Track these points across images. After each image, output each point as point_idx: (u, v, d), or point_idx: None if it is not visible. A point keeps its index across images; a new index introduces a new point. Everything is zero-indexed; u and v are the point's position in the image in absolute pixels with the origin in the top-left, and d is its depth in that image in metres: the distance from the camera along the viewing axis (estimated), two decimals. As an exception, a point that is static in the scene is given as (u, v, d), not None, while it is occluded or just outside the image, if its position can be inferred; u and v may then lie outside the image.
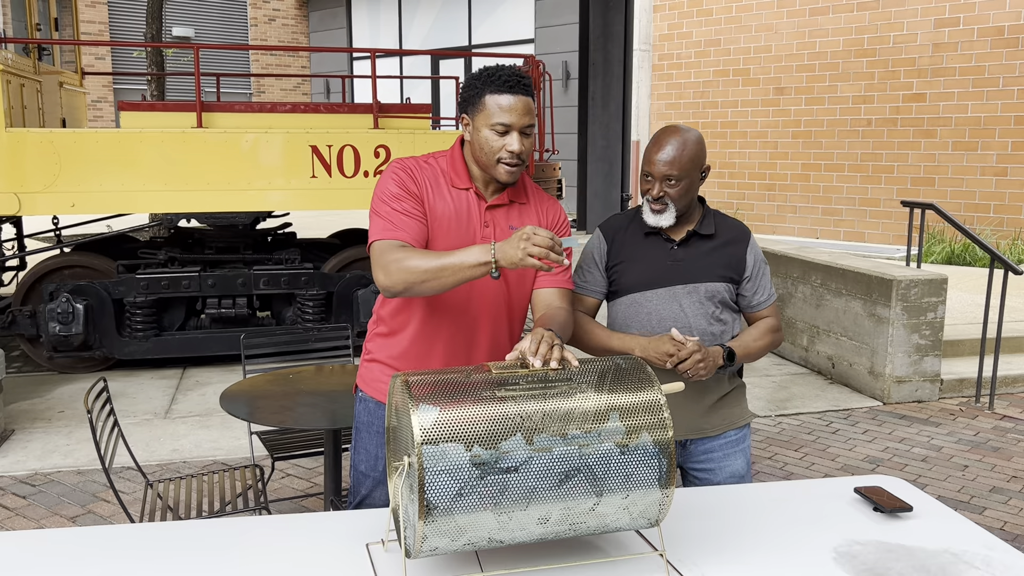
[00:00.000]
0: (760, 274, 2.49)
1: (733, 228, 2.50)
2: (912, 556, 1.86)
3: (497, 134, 2.14)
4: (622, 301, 2.48)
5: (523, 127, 2.15)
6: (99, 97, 17.74)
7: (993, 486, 4.47)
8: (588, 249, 2.55)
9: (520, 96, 2.14)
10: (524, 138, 2.16)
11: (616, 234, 2.51)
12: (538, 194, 2.38)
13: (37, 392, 5.85)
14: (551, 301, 2.31)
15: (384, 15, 18.33)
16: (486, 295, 2.27)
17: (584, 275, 2.53)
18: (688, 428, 2.48)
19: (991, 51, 10.84)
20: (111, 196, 5.88)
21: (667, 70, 14.28)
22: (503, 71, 2.16)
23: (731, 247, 2.47)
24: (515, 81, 2.15)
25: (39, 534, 1.93)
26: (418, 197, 2.21)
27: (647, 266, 2.44)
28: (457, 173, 2.26)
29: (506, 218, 2.28)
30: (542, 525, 1.63)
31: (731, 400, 2.54)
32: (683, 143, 2.35)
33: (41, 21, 7.29)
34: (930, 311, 5.73)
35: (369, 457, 2.39)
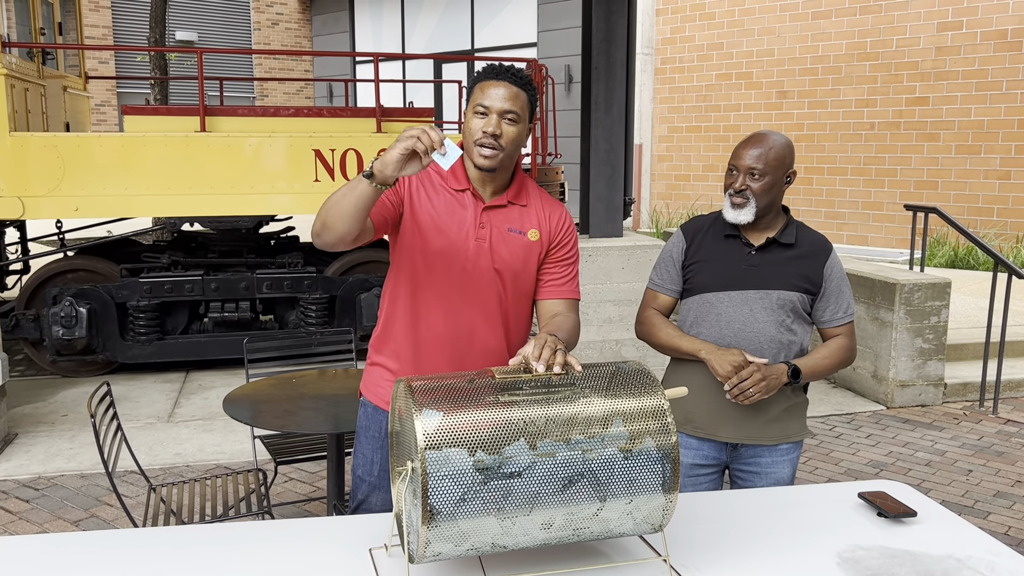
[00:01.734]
0: (836, 291, 2.47)
1: (815, 241, 2.49)
2: (916, 561, 1.85)
3: (478, 116, 2.15)
4: (694, 300, 2.49)
5: (502, 111, 2.14)
6: (103, 101, 17.78)
7: (997, 491, 4.46)
8: (668, 247, 2.57)
9: (504, 81, 2.14)
10: (505, 124, 2.15)
11: (696, 234, 2.52)
12: (542, 198, 2.36)
13: (40, 396, 5.86)
14: (556, 310, 2.30)
15: (387, 19, 18.36)
16: (482, 302, 2.26)
17: (661, 273, 2.56)
18: (744, 434, 2.48)
19: (994, 54, 10.84)
20: (114, 200, 5.89)
21: (670, 74, 14.29)
22: (497, 64, 2.19)
23: (810, 259, 2.45)
24: (503, 69, 2.16)
25: (42, 538, 1.93)
26: (398, 187, 2.22)
27: (722, 267, 2.45)
28: (455, 175, 2.26)
29: (504, 219, 2.26)
30: (546, 530, 1.63)
31: (791, 414, 2.53)
32: (772, 142, 2.38)
33: (45, 25, 7.31)
34: (933, 315, 5.72)
35: (366, 461, 2.39)
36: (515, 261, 2.27)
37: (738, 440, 2.49)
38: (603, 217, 5.82)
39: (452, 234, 2.22)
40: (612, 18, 5.59)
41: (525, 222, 2.29)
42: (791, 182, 2.43)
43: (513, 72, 2.17)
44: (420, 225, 2.22)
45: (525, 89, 2.17)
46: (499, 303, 2.28)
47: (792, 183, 2.45)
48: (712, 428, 2.48)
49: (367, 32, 18.84)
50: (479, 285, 2.24)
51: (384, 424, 2.34)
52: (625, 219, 6.20)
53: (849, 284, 2.53)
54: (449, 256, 2.22)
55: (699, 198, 14.03)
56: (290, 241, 7.11)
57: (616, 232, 5.85)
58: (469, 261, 2.23)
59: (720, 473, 2.59)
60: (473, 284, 2.23)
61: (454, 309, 2.25)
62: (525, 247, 2.28)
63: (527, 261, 2.28)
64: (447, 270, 2.23)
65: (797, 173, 2.50)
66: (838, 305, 2.48)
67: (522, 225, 2.28)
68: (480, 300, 2.26)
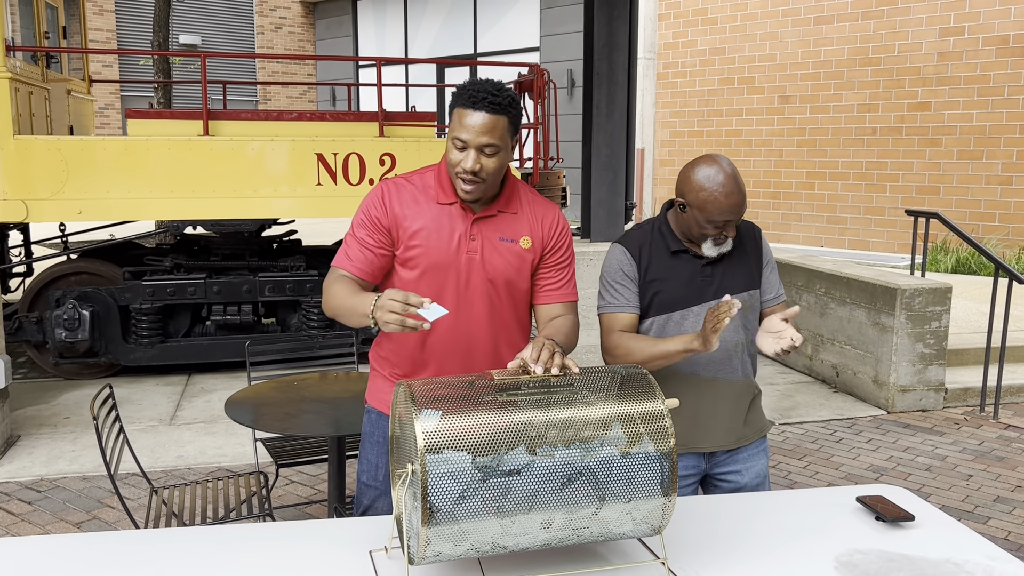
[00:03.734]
0: (768, 270, 2.50)
1: (747, 230, 2.50)
2: (914, 565, 1.86)
3: (456, 148, 2.11)
4: (658, 320, 2.39)
5: (480, 146, 2.08)
6: (106, 104, 17.83)
7: (997, 496, 4.46)
8: (613, 266, 2.42)
9: (483, 112, 2.06)
10: (483, 157, 2.09)
11: (642, 249, 2.42)
12: (533, 202, 2.32)
13: (43, 398, 5.87)
14: (554, 313, 2.31)
15: (390, 23, 18.40)
16: (478, 312, 2.26)
17: (616, 295, 2.40)
18: (723, 441, 2.48)
19: (996, 60, 10.85)
20: (118, 203, 5.91)
21: (672, 78, 14.32)
22: (476, 84, 2.09)
23: (749, 250, 2.47)
24: (480, 97, 2.06)
25: (44, 540, 1.95)
26: (383, 227, 2.21)
27: (680, 284, 2.39)
28: (443, 188, 2.22)
29: (495, 229, 2.24)
30: (545, 530, 1.64)
31: (755, 408, 2.56)
32: (734, 176, 2.27)
33: (49, 29, 7.34)
34: (934, 320, 5.73)
35: (371, 467, 2.40)
36: (508, 270, 2.25)
37: (718, 448, 2.48)
38: (604, 221, 5.83)
39: (443, 249, 2.21)
40: (614, 23, 5.61)
41: (517, 230, 2.26)
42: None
43: (491, 98, 2.06)
44: (410, 245, 2.21)
45: (505, 113, 2.08)
46: (495, 312, 2.27)
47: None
48: (693, 441, 2.47)
49: (370, 36, 18.88)
50: (474, 296, 2.23)
51: (387, 429, 2.35)
52: (626, 223, 6.21)
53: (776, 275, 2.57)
54: (441, 270, 2.21)
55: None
56: (292, 244, 7.12)
57: (617, 236, 5.87)
58: (462, 274, 2.22)
59: (698, 483, 2.58)
60: (468, 296, 2.23)
61: (450, 321, 2.23)
62: (518, 255, 2.26)
63: (520, 269, 2.27)
64: (441, 284, 2.22)
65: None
66: (775, 283, 2.51)
67: (514, 233, 2.26)
68: (476, 310, 2.25)
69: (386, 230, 2.22)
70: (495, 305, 2.27)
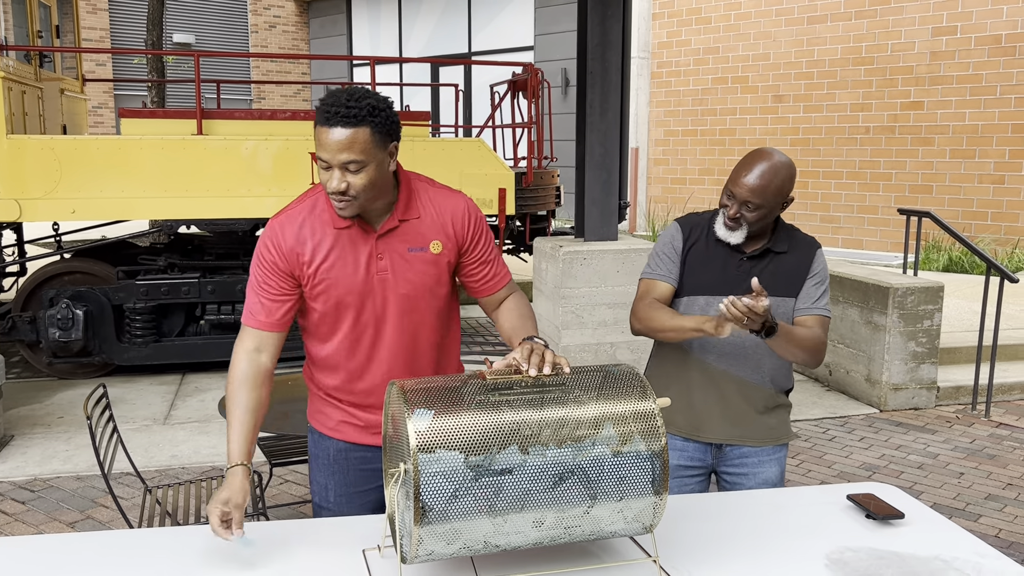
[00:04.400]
0: (817, 283, 2.44)
1: (804, 243, 2.48)
2: (903, 563, 1.88)
3: (322, 169, 1.95)
4: (682, 300, 2.46)
5: (342, 164, 1.91)
6: (100, 103, 17.78)
7: (989, 493, 4.49)
8: (665, 239, 2.51)
9: (338, 128, 1.88)
10: (348, 174, 1.92)
11: (693, 230, 2.48)
12: (435, 199, 2.15)
13: (37, 398, 5.87)
14: (500, 297, 2.26)
15: (384, 22, 18.39)
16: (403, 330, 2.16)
17: (659, 264, 2.47)
18: (728, 434, 2.49)
19: (988, 59, 10.89)
20: (111, 202, 5.90)
21: (666, 77, 14.34)
22: (332, 98, 1.92)
23: (797, 259, 2.44)
24: (332, 111, 1.89)
25: (38, 539, 1.95)
26: (282, 271, 2.08)
27: (713, 271, 2.43)
28: (334, 212, 2.06)
29: (402, 240, 2.10)
30: (537, 528, 1.65)
31: (775, 415, 2.53)
32: (774, 172, 2.29)
33: (42, 28, 7.33)
34: (927, 319, 5.75)
35: (320, 488, 2.34)
36: (426, 279, 2.14)
37: (721, 440, 2.50)
38: (598, 220, 5.84)
39: (351, 277, 2.09)
40: (607, 22, 5.62)
41: (424, 236, 2.12)
42: (787, 207, 2.38)
43: (344, 111, 1.88)
44: (317, 281, 2.09)
45: (364, 123, 1.90)
46: (421, 326, 2.18)
47: (787, 207, 2.40)
48: (695, 428, 2.49)
49: (364, 35, 18.87)
50: (395, 316, 2.14)
51: (331, 449, 2.29)
52: (620, 222, 6.22)
53: (829, 286, 2.50)
54: (355, 299, 2.11)
55: (695, 201, 14.06)
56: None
57: (611, 235, 5.87)
58: (377, 297, 2.11)
59: (707, 477, 2.59)
60: (389, 318, 2.14)
61: (376, 346, 2.16)
62: (431, 263, 2.14)
63: (438, 276, 2.16)
64: (357, 313, 2.13)
65: (795, 198, 2.48)
66: (815, 296, 2.43)
67: (422, 240, 2.12)
68: (402, 329, 2.16)
69: (286, 274, 2.09)
70: (419, 319, 2.17)
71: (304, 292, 2.13)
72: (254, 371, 2.09)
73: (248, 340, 2.11)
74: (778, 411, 2.54)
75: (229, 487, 1.93)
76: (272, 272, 2.09)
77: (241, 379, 2.08)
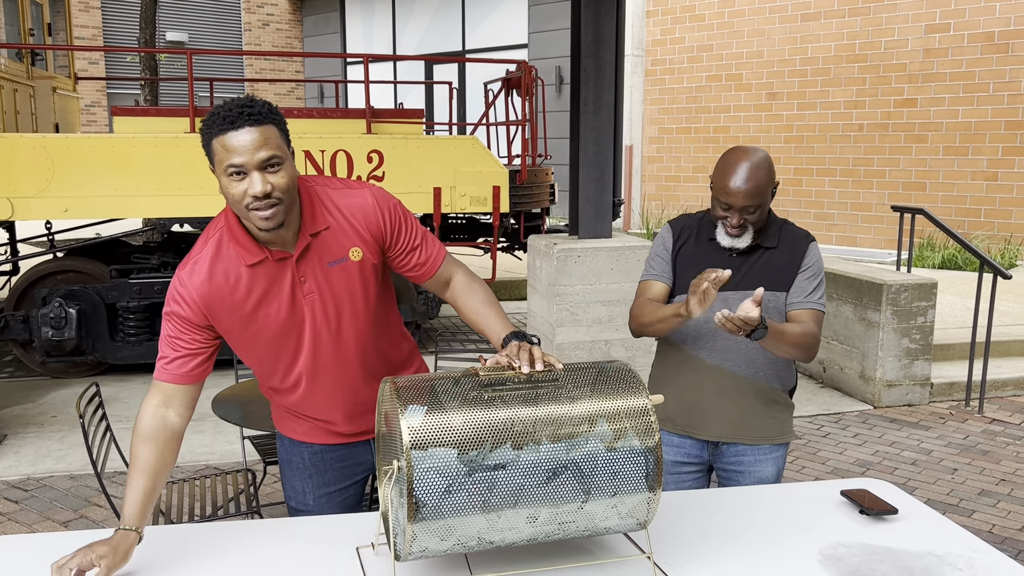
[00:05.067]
0: (810, 277, 2.43)
1: (796, 236, 2.47)
2: (897, 558, 1.88)
3: (234, 180, 1.82)
4: (677, 300, 2.45)
5: (260, 163, 1.81)
6: (92, 102, 17.73)
7: (982, 489, 4.50)
8: (657, 242, 2.54)
9: (247, 128, 1.80)
10: (269, 175, 1.83)
11: (683, 231, 2.50)
12: (339, 203, 2.03)
13: (30, 397, 5.85)
14: (444, 276, 2.16)
15: (378, 20, 18.36)
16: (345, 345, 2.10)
17: (653, 265, 2.52)
18: (724, 432, 2.48)
19: (981, 56, 10.91)
20: (104, 201, 5.88)
21: (660, 75, 14.34)
22: (224, 108, 1.83)
23: (790, 255, 2.44)
24: (236, 113, 1.80)
25: (31, 539, 1.95)
26: (199, 326, 1.97)
27: (703, 269, 2.39)
28: (243, 247, 1.95)
29: (318, 257, 1.99)
30: (531, 524, 1.65)
31: (773, 414, 2.51)
32: (758, 167, 2.29)
33: (34, 26, 7.30)
34: (920, 315, 5.76)
35: (296, 493, 2.31)
36: (354, 288, 2.05)
37: (718, 438, 2.50)
38: (592, 218, 5.84)
39: (282, 312, 2.00)
40: (601, 21, 5.61)
41: (341, 245, 2.01)
42: (775, 193, 2.39)
43: (247, 111, 1.81)
44: (247, 326, 2.00)
45: (269, 121, 1.84)
46: (359, 334, 2.11)
47: (776, 192, 2.41)
48: (691, 425, 2.49)
49: (358, 33, 18.84)
50: (331, 334, 2.06)
51: (305, 454, 2.27)
52: (614, 220, 6.23)
53: (824, 281, 2.48)
54: (291, 330, 2.04)
55: (689, 199, 14.07)
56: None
57: (605, 233, 5.87)
58: (312, 322, 2.04)
59: (704, 473, 2.59)
60: (326, 337, 2.06)
61: (322, 379, 2.12)
62: (356, 269, 2.04)
63: (366, 281, 2.06)
64: (296, 342, 2.06)
65: (780, 181, 2.49)
66: (808, 290, 2.42)
67: (339, 251, 2.01)
68: (341, 345, 2.09)
69: (199, 327, 1.98)
70: (357, 330, 2.09)
71: (235, 339, 2.03)
72: (158, 427, 1.93)
73: (156, 394, 1.96)
74: (775, 408, 2.52)
75: (111, 545, 1.73)
76: (183, 327, 1.96)
77: (144, 435, 1.92)
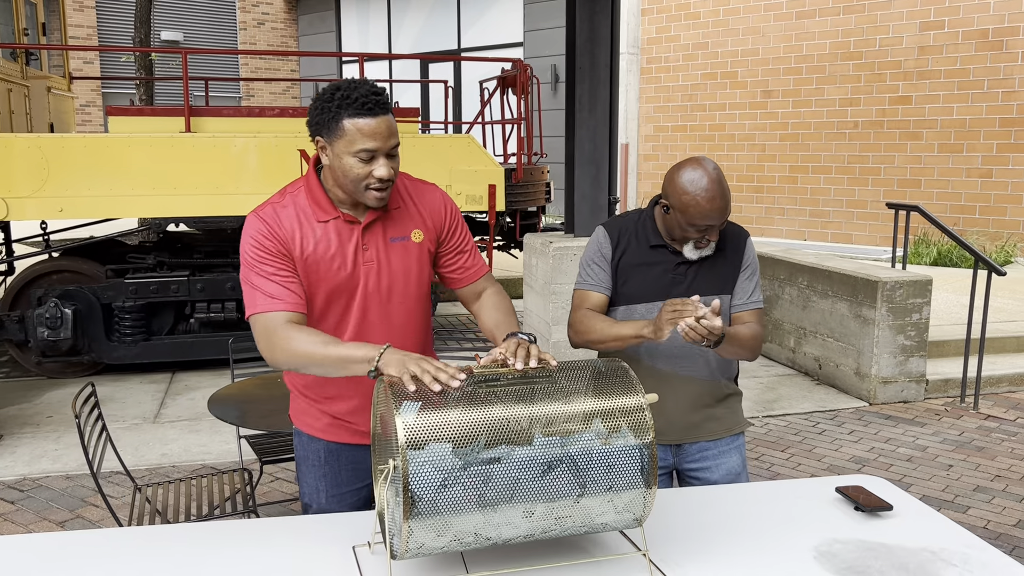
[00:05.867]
0: (749, 276, 2.45)
1: (733, 235, 2.47)
2: (892, 554, 1.89)
3: (362, 161, 2.00)
4: (623, 309, 2.44)
5: (389, 150, 2.01)
6: (87, 101, 17.69)
7: (977, 485, 4.51)
8: (591, 247, 2.49)
9: (381, 117, 1.98)
10: (391, 160, 2.03)
11: (622, 235, 2.45)
12: (413, 191, 2.23)
13: (25, 397, 5.84)
14: (478, 289, 2.28)
15: (373, 18, 18.35)
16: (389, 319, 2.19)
17: (590, 273, 2.46)
18: (687, 433, 2.49)
19: (976, 54, 10.93)
20: (99, 201, 5.87)
21: (655, 73, 14.35)
22: (358, 90, 1.98)
23: (729, 255, 2.44)
24: (374, 101, 1.98)
25: (27, 539, 1.94)
26: (283, 253, 2.07)
27: (651, 278, 2.41)
28: (319, 205, 2.12)
29: (383, 231, 2.15)
30: (528, 519, 1.65)
31: (729, 406, 2.53)
32: (719, 181, 2.26)
33: (29, 26, 7.29)
34: (915, 312, 5.78)
35: (311, 490, 2.35)
36: (409, 267, 2.19)
37: (680, 441, 2.49)
38: (588, 216, 5.85)
39: (339, 269, 2.12)
40: (595, 18, 5.62)
41: (405, 225, 2.18)
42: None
43: (380, 100, 1.99)
44: (306, 274, 2.11)
45: (390, 109, 2.03)
46: (406, 315, 2.21)
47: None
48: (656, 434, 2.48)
49: (353, 32, 18.82)
50: (381, 304, 2.17)
51: (321, 451, 2.30)
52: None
53: (759, 275, 2.50)
54: (343, 291, 2.14)
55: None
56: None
57: (601, 231, 5.88)
58: (363, 287, 2.14)
59: (668, 476, 2.57)
60: (375, 307, 2.17)
61: (363, 335, 2.17)
62: (415, 250, 2.19)
63: (421, 263, 2.21)
64: (345, 305, 2.16)
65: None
66: (749, 290, 2.44)
67: (403, 230, 2.18)
68: (387, 320, 2.19)
69: (286, 256, 2.08)
70: (404, 308, 2.20)
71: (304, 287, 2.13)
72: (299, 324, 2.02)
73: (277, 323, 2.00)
74: (729, 400, 2.55)
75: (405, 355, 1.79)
76: (276, 258, 2.06)
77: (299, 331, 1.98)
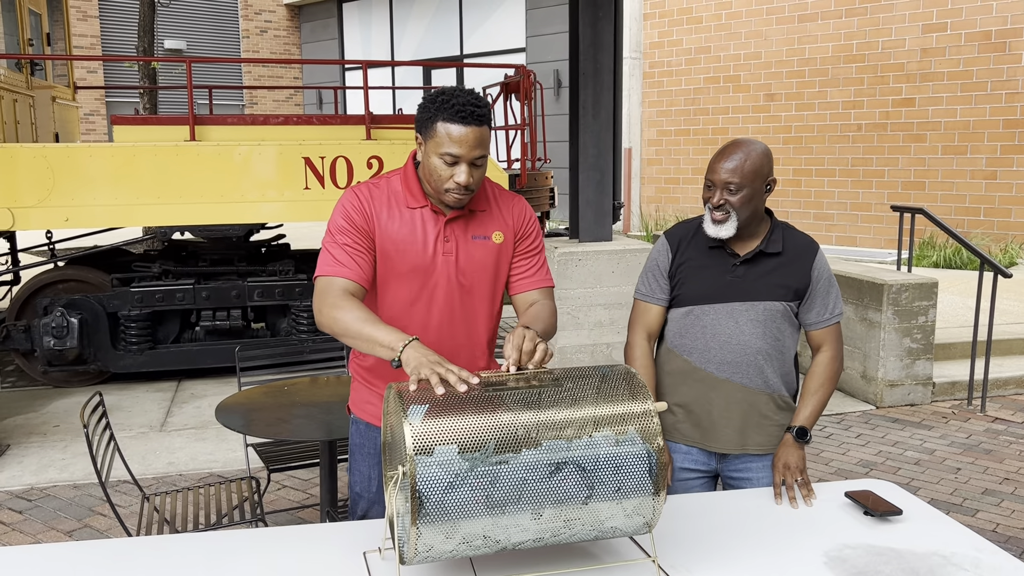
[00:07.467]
0: (824, 292, 2.42)
1: (800, 244, 2.44)
2: (901, 559, 1.88)
3: (446, 164, 2.09)
4: (679, 311, 2.45)
5: (473, 159, 2.09)
6: (92, 111, 17.75)
7: (985, 488, 4.50)
8: (653, 255, 2.53)
9: (472, 127, 2.05)
10: (474, 169, 2.10)
11: (681, 242, 2.48)
12: (500, 197, 2.34)
13: (32, 407, 5.85)
14: (532, 299, 2.32)
15: (376, 26, 18.38)
16: (458, 312, 2.26)
17: (649, 283, 2.51)
18: (734, 444, 2.46)
19: (978, 55, 10.92)
20: (105, 210, 5.89)
21: (658, 78, 14.35)
22: (458, 97, 2.06)
23: (796, 264, 2.41)
24: (469, 111, 2.05)
25: (35, 549, 1.95)
26: (365, 229, 2.19)
27: (707, 279, 2.41)
28: (411, 192, 2.23)
29: (466, 228, 2.25)
30: (537, 521, 1.65)
31: (782, 421, 2.49)
32: (747, 153, 2.31)
33: (33, 36, 7.31)
34: (921, 315, 5.76)
35: (363, 478, 2.40)
36: (485, 268, 2.27)
37: (728, 451, 2.47)
38: (592, 221, 5.85)
39: (419, 253, 2.21)
40: (598, 24, 5.62)
41: (488, 226, 2.28)
42: (771, 190, 2.38)
43: (478, 111, 2.06)
44: (387, 253, 2.21)
45: (487, 122, 2.10)
46: (474, 310, 2.29)
47: (772, 191, 2.39)
48: (701, 438, 2.47)
49: (356, 39, 18.86)
50: (452, 297, 2.24)
51: (378, 440, 2.33)
52: (614, 223, 6.23)
53: (837, 284, 2.48)
54: (418, 274, 2.22)
55: (688, 201, 14.08)
56: (281, 249, 7.11)
57: (605, 236, 5.88)
58: (438, 276, 2.22)
59: (711, 480, 2.56)
60: (446, 298, 2.24)
61: (431, 323, 2.25)
62: (493, 251, 2.28)
63: (498, 264, 2.29)
64: (418, 288, 2.23)
65: (777, 181, 2.46)
66: (824, 306, 2.42)
67: (485, 230, 2.27)
68: (456, 311, 2.26)
69: (368, 233, 2.20)
70: (472, 304, 2.28)
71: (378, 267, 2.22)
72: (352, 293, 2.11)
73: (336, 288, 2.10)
74: (783, 415, 2.49)
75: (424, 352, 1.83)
76: (358, 230, 2.18)
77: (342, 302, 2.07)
